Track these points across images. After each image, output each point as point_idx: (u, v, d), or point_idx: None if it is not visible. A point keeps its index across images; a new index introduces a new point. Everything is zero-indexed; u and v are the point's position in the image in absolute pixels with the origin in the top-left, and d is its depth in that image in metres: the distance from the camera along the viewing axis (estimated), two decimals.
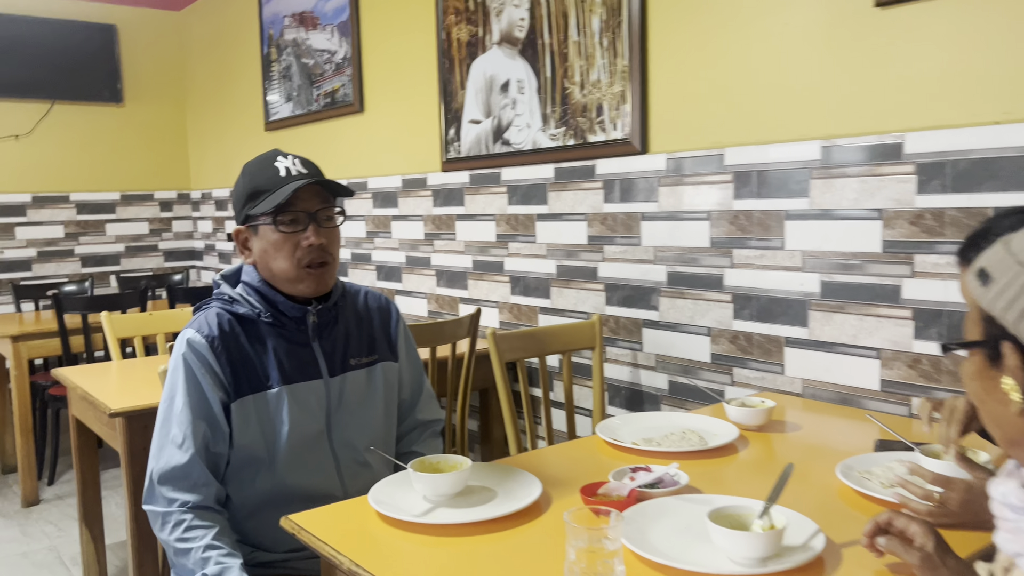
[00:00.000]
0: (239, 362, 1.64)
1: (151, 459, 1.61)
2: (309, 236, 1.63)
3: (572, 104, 2.88)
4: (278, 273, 1.66)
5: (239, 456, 1.64)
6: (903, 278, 2.03)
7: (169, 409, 1.61)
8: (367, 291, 1.89)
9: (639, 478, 1.53)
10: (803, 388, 2.28)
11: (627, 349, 2.78)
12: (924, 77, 1.96)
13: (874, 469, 1.56)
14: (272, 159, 1.67)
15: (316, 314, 1.72)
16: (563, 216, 2.97)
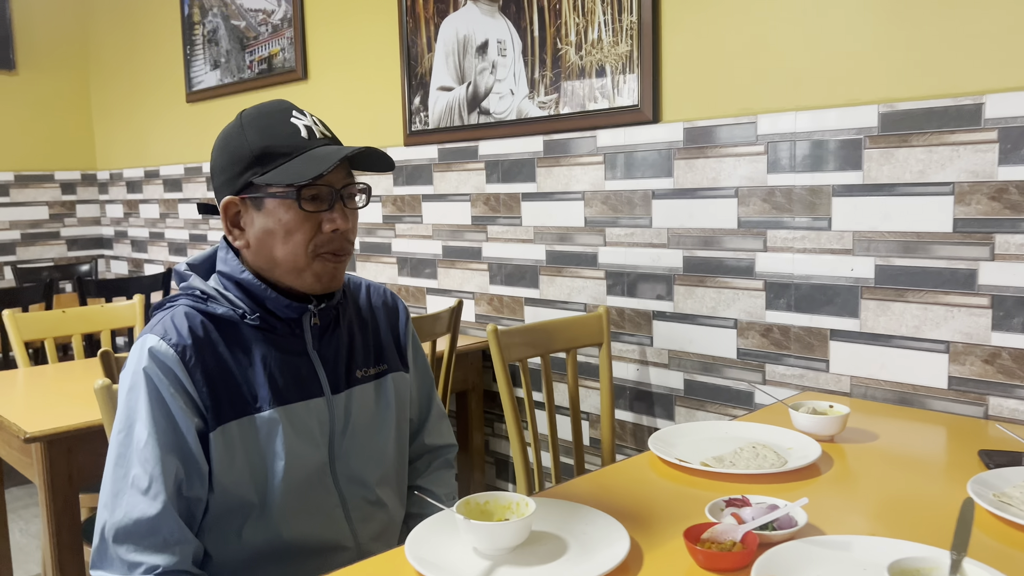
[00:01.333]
0: (219, 378, 1.23)
1: (102, 509, 1.19)
2: (335, 218, 1.25)
3: (566, 67, 2.54)
4: (283, 260, 1.26)
5: (222, 501, 1.24)
6: (980, 261, 1.79)
7: (126, 442, 1.19)
8: (369, 284, 1.51)
9: (746, 516, 1.21)
10: (852, 387, 2.02)
11: (634, 344, 2.47)
12: (1008, 27, 1.70)
13: (1009, 490, 1.29)
14: (286, 113, 1.27)
15: (317, 315, 1.33)
16: (555, 195, 2.63)
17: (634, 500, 1.38)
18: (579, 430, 2.27)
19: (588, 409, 2.61)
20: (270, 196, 1.24)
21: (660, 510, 1.33)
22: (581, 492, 1.42)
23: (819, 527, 1.21)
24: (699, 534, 1.15)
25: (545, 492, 1.44)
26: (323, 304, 1.33)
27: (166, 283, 3.87)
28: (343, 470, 1.35)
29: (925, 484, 1.43)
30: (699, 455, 1.55)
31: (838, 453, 1.58)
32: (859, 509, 1.32)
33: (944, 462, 1.54)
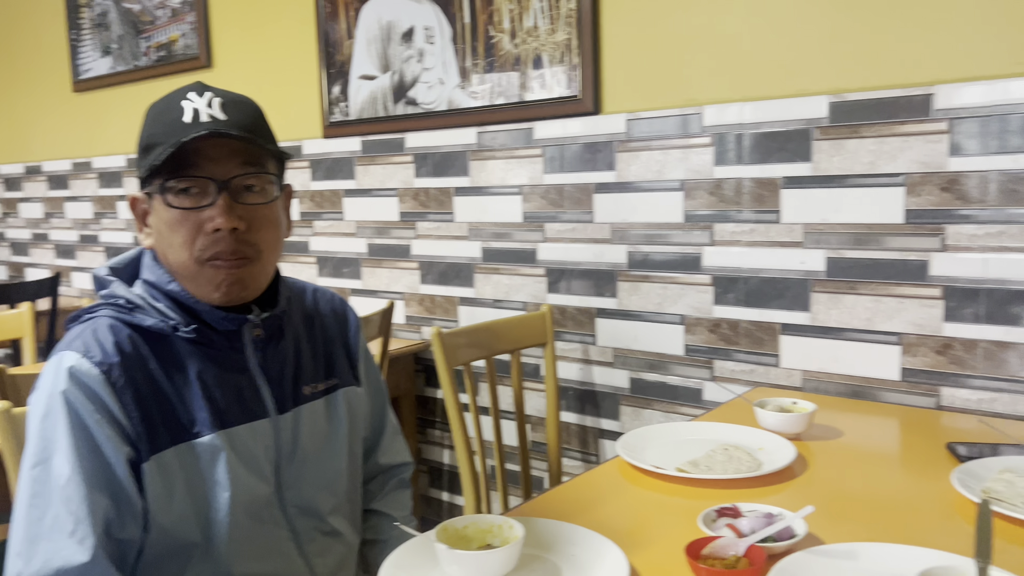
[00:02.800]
0: (151, 400, 1.06)
1: (14, 558, 1.00)
2: (214, 215, 1.07)
3: (500, 56, 2.43)
4: (175, 267, 1.11)
5: (160, 541, 1.07)
6: (931, 252, 1.79)
7: (43, 479, 1.00)
8: (315, 289, 1.36)
9: (743, 527, 1.13)
10: (804, 381, 2.00)
11: (577, 343, 2.38)
12: (959, 19, 1.70)
13: (991, 484, 1.27)
14: (181, 95, 1.10)
15: (260, 326, 1.17)
16: (490, 189, 2.51)
17: (613, 513, 1.29)
18: (524, 434, 2.16)
19: (531, 412, 2.51)
20: (156, 191, 1.08)
21: (646, 523, 1.24)
22: (556, 507, 1.32)
23: (816, 535, 1.15)
24: (699, 550, 1.07)
25: (518, 509, 1.33)
26: (265, 314, 1.17)
27: (54, 289, 3.53)
28: (293, 499, 1.20)
29: (903, 481, 1.40)
30: (670, 460, 1.47)
31: (808, 452, 1.53)
32: (847, 512, 1.27)
33: (915, 457, 1.52)
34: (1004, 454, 1.41)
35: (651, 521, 1.25)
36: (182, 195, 1.06)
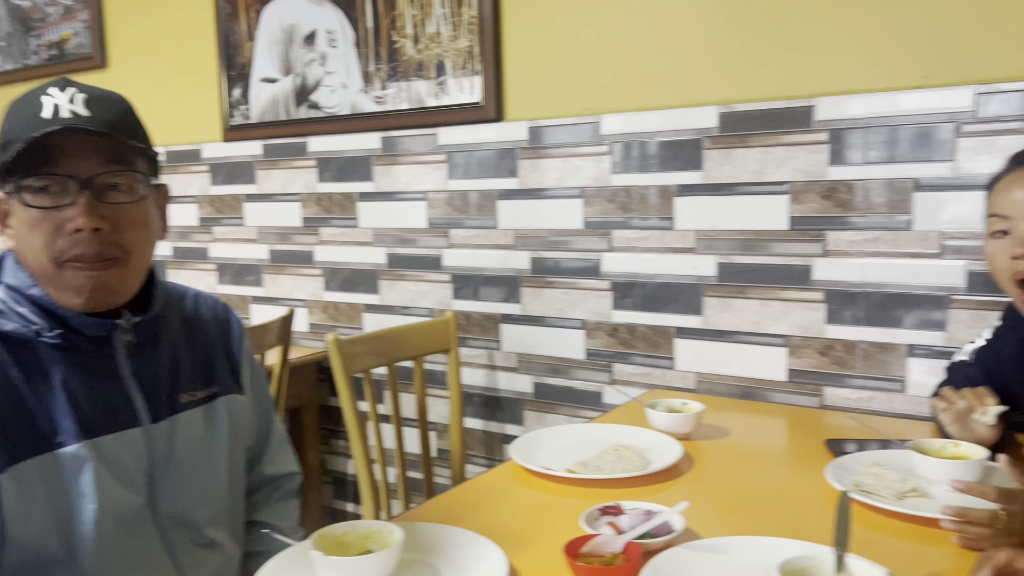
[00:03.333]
0: (10, 408, 1.01)
1: None
2: (75, 215, 1.02)
3: (403, 61, 2.42)
4: (35, 270, 1.06)
5: (17, 556, 1.01)
6: (814, 257, 1.86)
7: None
8: (197, 294, 1.31)
9: (623, 524, 1.15)
10: (697, 383, 2.05)
11: (481, 349, 2.39)
12: (838, 37, 1.79)
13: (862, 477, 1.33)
14: (42, 91, 1.06)
15: (132, 331, 1.12)
16: (395, 195, 2.49)
17: (501, 515, 1.29)
18: (427, 442, 2.15)
19: (435, 419, 2.49)
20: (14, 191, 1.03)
21: (532, 524, 1.25)
22: (443, 511, 1.31)
23: (694, 530, 1.18)
24: (578, 548, 1.08)
25: (405, 515, 1.32)
26: (137, 318, 1.13)
27: None
28: (167, 511, 1.15)
29: (783, 477, 1.45)
30: (562, 461, 1.49)
31: (696, 451, 1.57)
32: (726, 508, 1.30)
33: (795, 453, 1.58)
34: (873, 449, 1.48)
35: (537, 521, 1.26)
36: (40, 194, 1.02)
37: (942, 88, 1.68)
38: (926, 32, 1.69)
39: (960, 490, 1.11)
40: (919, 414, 1.76)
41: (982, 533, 1.06)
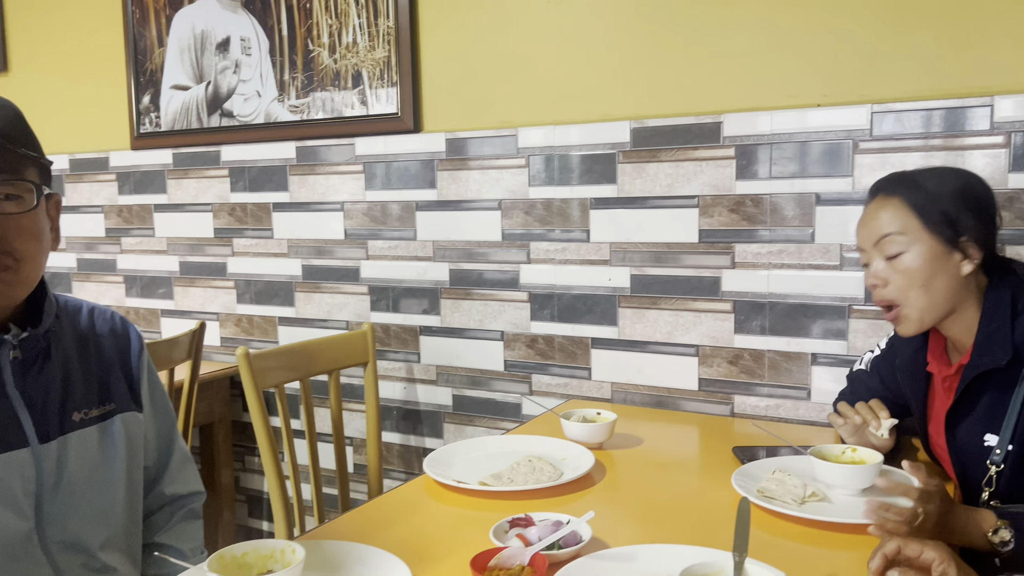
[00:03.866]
0: None
1: None
2: None
3: (319, 70, 2.39)
4: None
5: None
6: (723, 269, 1.91)
7: None
8: (92, 308, 1.26)
9: (531, 536, 1.15)
10: (612, 393, 2.08)
11: (400, 362, 2.36)
12: (744, 56, 1.85)
13: (765, 484, 1.37)
14: None
15: (18, 347, 1.07)
16: (311, 205, 2.45)
17: (412, 530, 1.28)
18: (343, 457, 2.11)
19: (352, 434, 2.45)
20: None
21: (442, 538, 1.24)
22: (352, 528, 1.29)
23: (603, 540, 1.19)
24: (486, 562, 1.07)
25: (312, 532, 1.29)
26: (25, 332, 1.07)
27: None
28: (56, 535, 1.10)
29: (692, 484, 1.48)
30: (476, 474, 1.48)
31: (609, 460, 1.59)
32: (637, 516, 1.32)
33: (705, 461, 1.61)
34: (779, 455, 1.52)
35: (448, 536, 1.25)
36: None
37: (841, 107, 1.75)
38: (826, 53, 1.76)
39: (884, 489, 1.15)
40: (823, 420, 1.83)
41: (899, 528, 1.09)
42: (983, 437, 1.31)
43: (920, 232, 1.31)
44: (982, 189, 1.35)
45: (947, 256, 1.31)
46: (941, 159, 1.66)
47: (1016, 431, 1.27)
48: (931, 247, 1.31)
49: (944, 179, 1.35)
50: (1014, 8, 1.59)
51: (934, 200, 1.31)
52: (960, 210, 1.31)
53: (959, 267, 1.31)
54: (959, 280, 1.32)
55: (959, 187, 1.33)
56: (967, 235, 1.30)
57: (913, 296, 1.32)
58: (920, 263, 1.31)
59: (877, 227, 1.35)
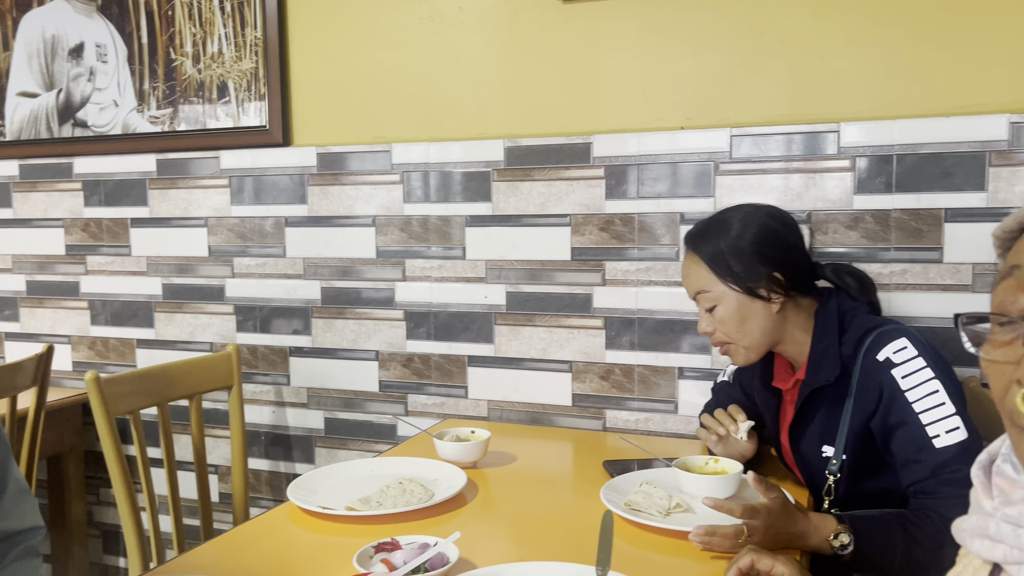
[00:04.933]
0: None
1: None
2: None
3: (182, 80, 2.28)
4: None
5: None
6: (594, 286, 1.94)
7: None
8: None
9: (396, 560, 1.12)
10: (489, 411, 2.07)
11: (269, 385, 2.27)
12: (611, 78, 1.90)
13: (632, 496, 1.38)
14: None
15: None
16: (172, 221, 2.33)
17: (274, 560, 1.21)
18: (206, 486, 2.00)
19: (217, 461, 2.33)
20: None
21: (305, 567, 1.18)
22: (210, 559, 1.21)
23: (471, 560, 1.17)
24: None
25: (166, 566, 1.20)
26: None
27: None
28: None
29: (564, 500, 1.48)
30: (343, 499, 1.43)
31: (482, 479, 1.57)
32: (508, 535, 1.31)
33: (577, 476, 1.62)
34: (647, 468, 1.55)
35: (311, 564, 1.19)
36: None
37: (703, 130, 1.82)
38: (690, 79, 1.83)
39: (711, 507, 1.19)
40: (690, 432, 1.88)
41: (726, 545, 1.14)
42: (821, 448, 1.38)
43: (720, 287, 1.40)
44: (775, 227, 1.42)
45: (751, 303, 1.40)
46: (795, 181, 1.76)
47: (848, 442, 1.34)
48: (735, 299, 1.40)
49: (738, 229, 1.40)
50: (857, 42, 1.70)
51: (727, 256, 1.39)
52: (751, 261, 1.38)
53: (767, 308, 1.40)
54: (773, 318, 1.40)
55: (751, 235, 1.39)
56: (762, 282, 1.38)
57: (736, 337, 1.43)
58: (730, 313, 1.41)
59: (690, 285, 1.46)
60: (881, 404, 1.30)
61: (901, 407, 1.27)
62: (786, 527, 1.17)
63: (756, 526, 1.15)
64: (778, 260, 1.39)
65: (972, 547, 0.69)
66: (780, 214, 1.45)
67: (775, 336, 1.43)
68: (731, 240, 1.40)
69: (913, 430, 1.25)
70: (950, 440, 1.22)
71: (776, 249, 1.40)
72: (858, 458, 1.34)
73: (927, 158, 1.67)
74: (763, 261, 1.38)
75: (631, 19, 1.86)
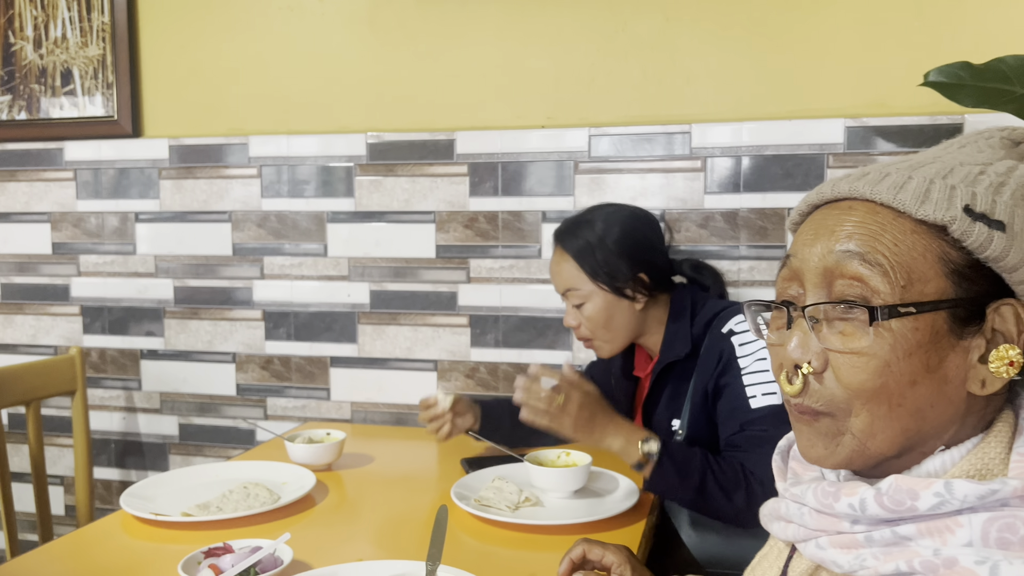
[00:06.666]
0: None
1: None
2: None
3: (22, 66, 2.13)
4: None
5: None
6: (459, 284, 1.93)
7: None
8: None
9: (224, 565, 1.07)
10: (352, 413, 2.02)
11: (119, 390, 2.14)
12: (473, 75, 1.89)
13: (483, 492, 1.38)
14: None
15: None
16: (11, 216, 2.17)
17: (96, 570, 1.13)
18: (45, 498, 1.86)
19: (62, 472, 2.18)
20: None
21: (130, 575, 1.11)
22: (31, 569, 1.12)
23: (307, 562, 1.13)
24: None
25: None
26: None
27: None
28: None
29: (416, 500, 1.45)
30: (183, 505, 1.36)
31: (334, 481, 1.53)
32: (355, 536, 1.27)
33: (433, 476, 1.60)
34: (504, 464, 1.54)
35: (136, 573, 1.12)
36: None
37: (563, 128, 1.84)
38: (549, 78, 1.85)
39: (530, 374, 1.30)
40: None
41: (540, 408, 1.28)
42: (671, 422, 1.44)
43: (590, 286, 1.46)
44: (639, 227, 1.49)
45: (617, 302, 1.46)
46: (650, 180, 1.80)
47: (691, 409, 1.40)
48: (603, 297, 1.46)
49: (604, 230, 1.46)
50: (706, 47, 1.76)
51: (596, 257, 1.45)
52: (619, 262, 1.44)
53: (631, 306, 1.47)
54: (636, 315, 1.48)
55: (616, 237, 1.45)
56: (628, 282, 1.45)
57: (600, 333, 1.49)
58: (597, 311, 1.47)
59: (559, 281, 1.50)
60: (718, 367, 1.38)
61: (732, 369, 1.36)
62: (599, 413, 1.29)
63: (575, 396, 1.27)
64: (643, 261, 1.46)
65: (772, 530, 0.71)
66: (643, 214, 1.52)
67: (638, 330, 1.49)
68: (600, 240, 1.45)
69: (735, 390, 1.34)
70: (765, 402, 1.31)
71: (641, 250, 1.47)
72: (699, 425, 1.40)
73: (771, 159, 1.74)
74: (629, 263, 1.45)
75: (491, 16, 1.86)
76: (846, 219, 0.65)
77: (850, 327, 0.63)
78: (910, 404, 0.62)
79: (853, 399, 0.63)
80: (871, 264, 0.62)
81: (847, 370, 0.63)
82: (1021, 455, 0.61)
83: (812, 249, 0.66)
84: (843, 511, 0.63)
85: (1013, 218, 0.62)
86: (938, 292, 0.62)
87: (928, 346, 0.61)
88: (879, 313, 0.61)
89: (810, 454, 0.67)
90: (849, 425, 0.64)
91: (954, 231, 0.61)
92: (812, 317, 0.65)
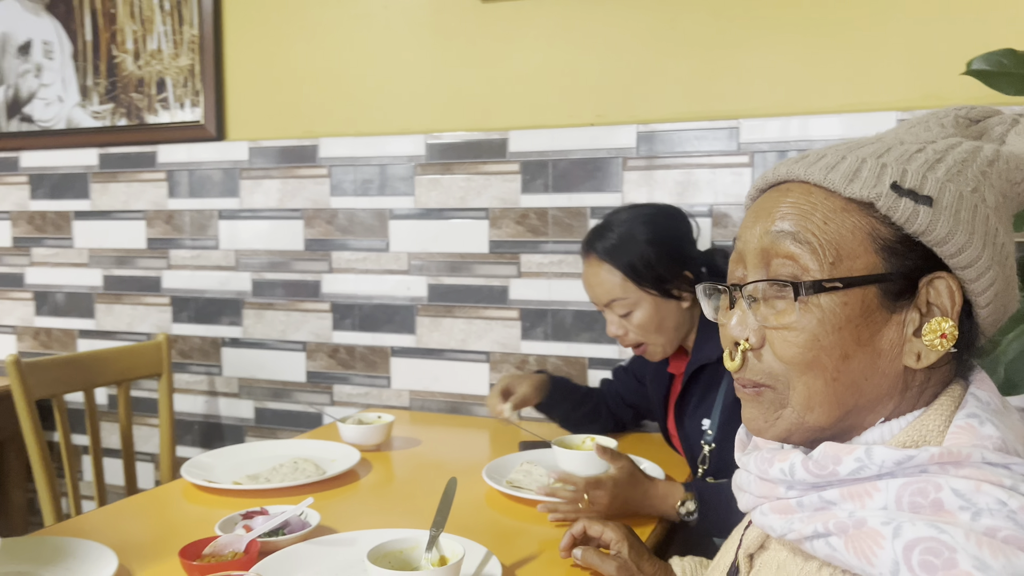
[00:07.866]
0: None
1: None
2: None
3: (123, 76, 2.34)
4: None
5: None
6: (510, 278, 1.99)
7: None
8: None
9: (257, 525, 1.16)
10: (411, 400, 2.11)
11: (202, 375, 2.31)
12: (527, 76, 1.95)
13: (513, 475, 1.43)
14: None
15: None
16: (113, 214, 2.38)
17: (148, 528, 1.26)
18: (132, 473, 2.04)
19: (151, 450, 2.37)
20: None
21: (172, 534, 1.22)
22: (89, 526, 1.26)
23: (332, 527, 1.21)
24: (201, 550, 1.07)
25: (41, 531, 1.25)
26: None
27: None
28: None
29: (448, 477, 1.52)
30: (237, 476, 1.47)
31: (381, 460, 1.62)
32: (386, 508, 1.35)
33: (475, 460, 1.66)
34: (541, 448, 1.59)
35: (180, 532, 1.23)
36: None
37: (611, 126, 1.88)
38: (599, 76, 1.88)
39: (557, 480, 1.24)
40: None
41: (569, 512, 1.20)
42: (702, 422, 1.43)
43: (638, 293, 1.43)
44: (671, 225, 1.47)
45: (666, 303, 1.44)
46: (698, 175, 1.81)
47: (722, 414, 1.39)
48: (652, 302, 1.44)
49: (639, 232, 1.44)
50: (756, 42, 1.76)
51: (638, 262, 1.42)
52: (662, 264, 1.42)
53: (679, 305, 1.45)
54: (684, 312, 1.46)
55: (653, 238, 1.43)
56: (675, 282, 1.43)
57: (652, 338, 1.47)
58: (648, 317, 1.44)
59: (602, 292, 1.46)
60: None
61: None
62: (633, 494, 1.23)
63: (600, 496, 1.21)
64: (684, 258, 1.45)
65: (739, 503, 0.73)
66: (672, 209, 1.51)
67: (686, 328, 1.48)
68: (638, 244, 1.43)
69: None
70: None
71: (679, 247, 1.46)
72: (729, 427, 1.39)
73: None
74: (672, 262, 1.43)
75: (544, 19, 1.92)
76: (782, 201, 0.67)
77: (782, 303, 0.65)
78: (845, 378, 0.64)
79: (790, 372, 0.65)
80: (801, 243, 0.64)
81: (780, 344, 0.65)
82: (959, 427, 0.62)
83: (752, 231, 0.68)
84: (776, 476, 0.65)
85: (943, 193, 0.63)
86: (867, 268, 0.63)
87: (859, 320, 0.63)
88: (803, 288, 0.63)
89: (751, 426, 0.70)
90: (789, 398, 0.66)
91: (880, 207, 0.63)
92: (750, 296, 0.67)
